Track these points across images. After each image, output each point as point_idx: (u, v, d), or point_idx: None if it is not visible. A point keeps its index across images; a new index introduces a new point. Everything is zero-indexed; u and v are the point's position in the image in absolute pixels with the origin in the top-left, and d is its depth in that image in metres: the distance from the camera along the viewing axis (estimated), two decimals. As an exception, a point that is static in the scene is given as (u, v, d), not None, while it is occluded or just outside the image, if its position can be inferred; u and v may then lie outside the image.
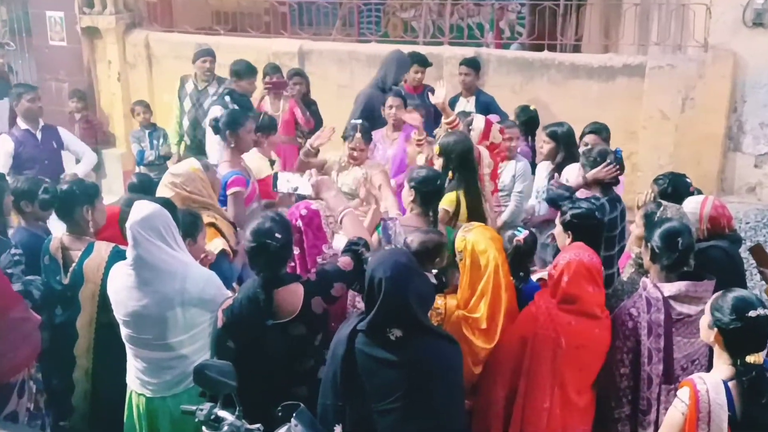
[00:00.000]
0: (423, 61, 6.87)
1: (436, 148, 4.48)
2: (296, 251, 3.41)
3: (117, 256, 3.59)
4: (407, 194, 4.02)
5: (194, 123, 6.81)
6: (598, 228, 3.69)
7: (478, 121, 5.10)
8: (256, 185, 4.88)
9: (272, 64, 7.19)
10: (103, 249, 3.67)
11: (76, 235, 3.76)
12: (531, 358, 3.33)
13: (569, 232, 3.62)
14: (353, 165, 5.08)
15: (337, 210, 3.43)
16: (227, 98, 6.27)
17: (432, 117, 6.66)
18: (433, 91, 6.82)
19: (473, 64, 6.83)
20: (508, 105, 6.54)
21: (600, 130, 5.29)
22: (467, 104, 6.69)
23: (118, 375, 3.45)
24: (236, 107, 5.91)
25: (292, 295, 3.01)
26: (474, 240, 3.48)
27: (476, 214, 4.24)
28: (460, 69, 6.77)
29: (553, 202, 4.57)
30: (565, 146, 5.26)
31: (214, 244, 3.99)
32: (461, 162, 4.37)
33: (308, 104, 6.86)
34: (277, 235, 3.01)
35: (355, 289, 3.23)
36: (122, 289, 3.26)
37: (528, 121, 6.03)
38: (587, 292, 3.30)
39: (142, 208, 3.23)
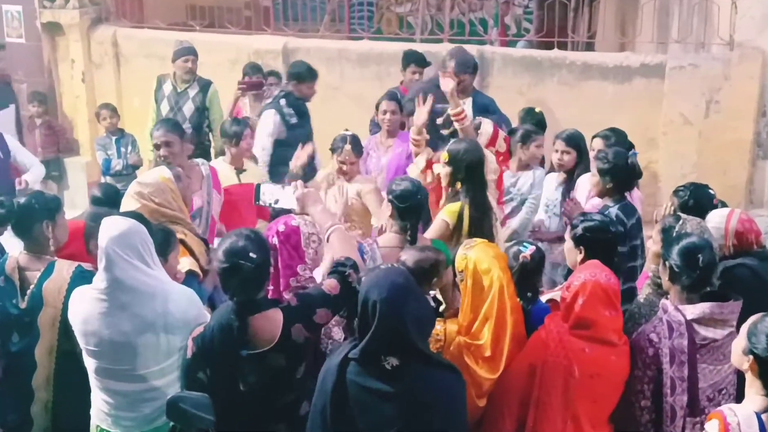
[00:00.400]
0: (420, 61, 6.91)
1: (443, 155, 4.50)
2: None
3: (80, 277, 3.58)
4: (385, 208, 4.03)
5: None
6: (612, 242, 3.71)
7: (487, 126, 5.14)
8: (197, 201, 4.86)
9: (253, 63, 7.22)
10: (64, 269, 3.65)
11: (35, 253, 3.74)
12: (541, 389, 3.32)
13: (581, 247, 3.64)
14: (343, 179, 5.11)
15: (324, 226, 3.42)
16: (282, 101, 6.29)
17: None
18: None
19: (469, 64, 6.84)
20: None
21: (607, 137, 5.30)
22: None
23: (82, 410, 3.43)
24: (292, 111, 6.09)
25: (270, 322, 2.99)
26: (476, 258, 3.48)
27: (479, 230, 4.26)
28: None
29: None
30: (585, 155, 5.28)
31: (182, 264, 3.97)
32: (470, 172, 4.39)
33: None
34: (251, 254, 2.99)
35: (342, 315, 3.22)
36: (92, 317, 3.23)
37: (534, 126, 6.04)
38: (603, 317, 3.30)
39: (116, 224, 3.22)
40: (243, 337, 2.97)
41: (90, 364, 3.32)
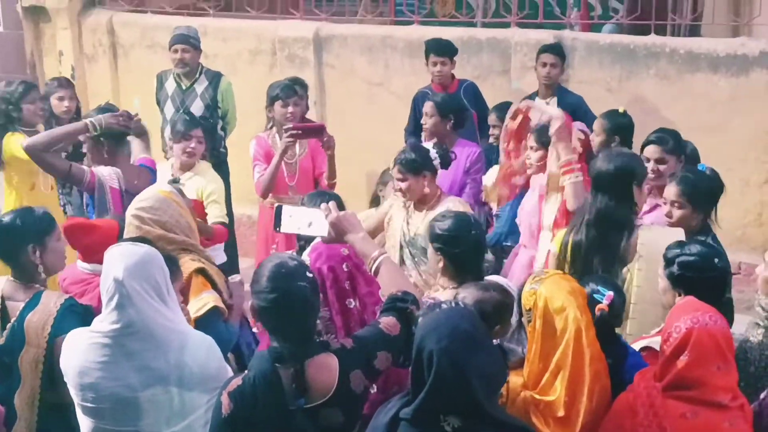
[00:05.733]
0: (440, 48, 6.92)
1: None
2: (351, 304, 3.40)
3: (69, 311, 3.65)
4: (433, 259, 4.01)
5: None
6: (719, 281, 3.68)
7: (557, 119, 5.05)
8: None
9: (285, 84, 6.45)
10: (52, 301, 3.71)
11: (23, 282, 3.82)
12: (628, 471, 3.24)
13: (680, 290, 3.62)
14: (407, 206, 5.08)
15: (369, 256, 3.41)
16: None
17: (475, 125, 6.68)
18: (472, 87, 6.87)
19: (559, 51, 6.88)
20: (601, 107, 6.54)
21: (664, 140, 5.18)
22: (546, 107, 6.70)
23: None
24: None
25: (324, 369, 2.99)
26: (547, 294, 3.44)
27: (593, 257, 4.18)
28: (543, 58, 6.83)
29: None
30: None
31: (203, 300, 4.00)
32: (611, 186, 4.33)
33: None
34: (308, 274, 3.01)
35: (401, 363, 3.20)
36: (91, 367, 3.26)
37: (618, 131, 5.95)
38: (712, 373, 3.22)
39: (129, 250, 3.27)
40: (298, 388, 2.96)
41: (85, 423, 3.34)
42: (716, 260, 3.68)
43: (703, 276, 3.60)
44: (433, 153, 5.06)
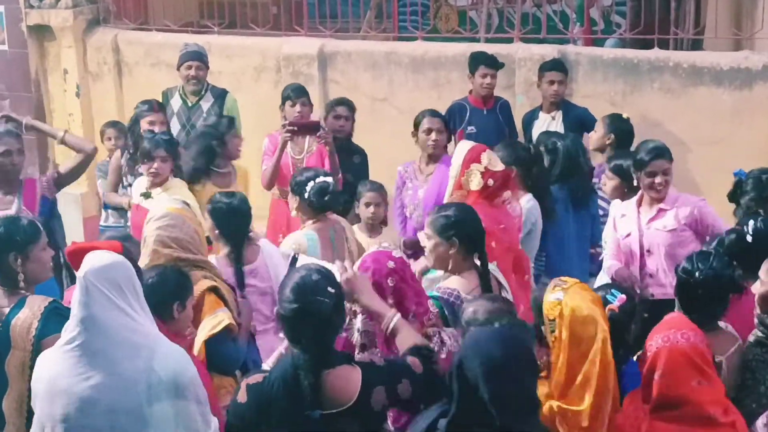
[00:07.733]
0: (490, 61, 6.98)
1: None
2: None
3: (54, 313, 3.68)
4: (442, 249, 4.00)
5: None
6: (711, 297, 3.78)
7: (458, 153, 4.87)
8: None
9: (296, 86, 6.92)
10: (36, 305, 3.75)
11: (8, 289, 3.87)
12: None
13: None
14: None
15: (385, 316, 3.43)
16: None
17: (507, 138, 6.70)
18: (507, 106, 6.90)
19: (562, 68, 6.96)
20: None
21: (664, 151, 5.21)
22: (552, 122, 6.76)
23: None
24: None
25: (344, 380, 3.04)
26: (573, 304, 3.44)
27: None
28: (549, 76, 6.90)
29: None
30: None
31: (218, 317, 4.05)
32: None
33: (351, 152, 6.77)
34: (330, 289, 3.05)
35: (416, 405, 3.21)
36: (60, 375, 3.17)
37: (616, 132, 6.06)
38: (693, 389, 3.23)
39: (99, 256, 3.26)
40: (314, 397, 3.00)
41: None
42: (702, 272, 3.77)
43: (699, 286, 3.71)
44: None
